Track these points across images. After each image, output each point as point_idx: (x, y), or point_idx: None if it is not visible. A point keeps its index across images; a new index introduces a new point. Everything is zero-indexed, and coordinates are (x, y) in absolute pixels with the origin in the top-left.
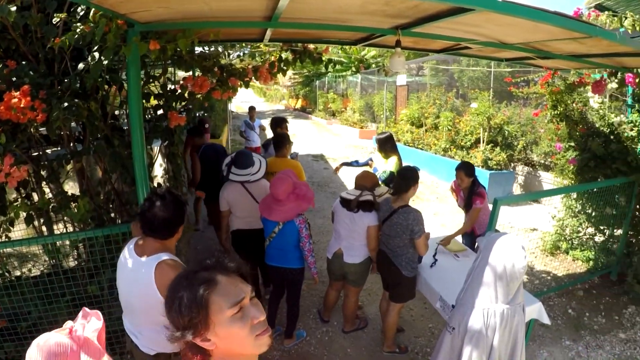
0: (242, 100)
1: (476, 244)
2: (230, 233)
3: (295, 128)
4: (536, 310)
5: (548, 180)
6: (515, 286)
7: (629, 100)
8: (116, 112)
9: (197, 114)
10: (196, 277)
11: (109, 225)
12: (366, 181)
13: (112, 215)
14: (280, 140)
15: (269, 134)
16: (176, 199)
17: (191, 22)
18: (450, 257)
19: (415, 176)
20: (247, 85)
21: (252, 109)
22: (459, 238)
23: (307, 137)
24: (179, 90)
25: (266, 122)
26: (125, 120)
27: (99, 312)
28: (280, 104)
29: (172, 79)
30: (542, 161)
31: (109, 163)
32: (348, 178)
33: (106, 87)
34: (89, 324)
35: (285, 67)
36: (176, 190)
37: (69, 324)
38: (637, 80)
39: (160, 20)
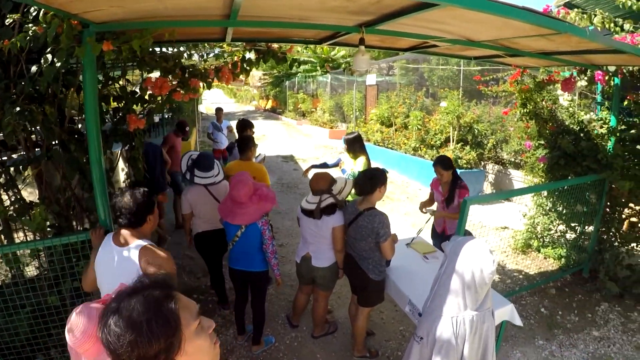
0: (212, 102)
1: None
2: (193, 236)
3: (265, 129)
4: (508, 312)
5: (518, 178)
6: (484, 292)
7: (599, 98)
8: (78, 117)
9: (165, 116)
10: (155, 295)
11: (67, 234)
12: (321, 184)
13: (74, 222)
14: (245, 143)
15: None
16: (143, 190)
17: (148, 21)
18: (419, 259)
19: (382, 178)
20: (209, 87)
21: (219, 110)
22: (429, 239)
23: (277, 138)
24: (139, 92)
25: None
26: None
27: None
28: (251, 105)
29: (140, 80)
30: (512, 159)
31: (66, 169)
32: None
33: (64, 90)
34: None
35: (248, 67)
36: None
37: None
38: (606, 77)
39: (116, 20)
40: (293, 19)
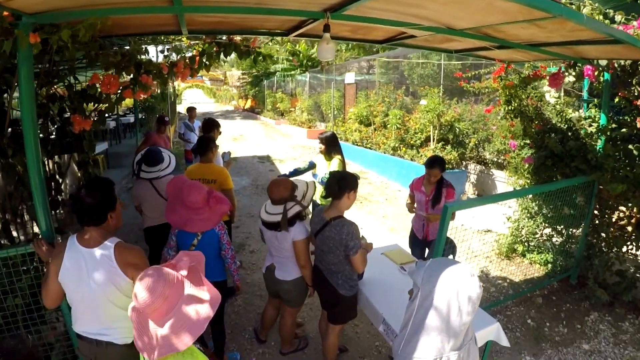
0: (191, 102)
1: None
2: (143, 231)
3: (243, 129)
4: (494, 331)
5: (502, 178)
6: (468, 323)
7: (585, 95)
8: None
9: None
10: None
11: (6, 246)
12: (282, 191)
13: (18, 232)
14: (205, 144)
15: None
16: (101, 184)
17: (88, 9)
18: (395, 271)
19: (352, 182)
20: (164, 83)
21: (191, 109)
22: (407, 247)
23: (254, 137)
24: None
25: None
26: None
27: (200, 252)
28: (230, 105)
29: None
30: (495, 159)
31: (3, 176)
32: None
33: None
34: (191, 259)
35: (207, 62)
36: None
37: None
38: (596, 72)
39: (52, 9)
40: (248, 3)
